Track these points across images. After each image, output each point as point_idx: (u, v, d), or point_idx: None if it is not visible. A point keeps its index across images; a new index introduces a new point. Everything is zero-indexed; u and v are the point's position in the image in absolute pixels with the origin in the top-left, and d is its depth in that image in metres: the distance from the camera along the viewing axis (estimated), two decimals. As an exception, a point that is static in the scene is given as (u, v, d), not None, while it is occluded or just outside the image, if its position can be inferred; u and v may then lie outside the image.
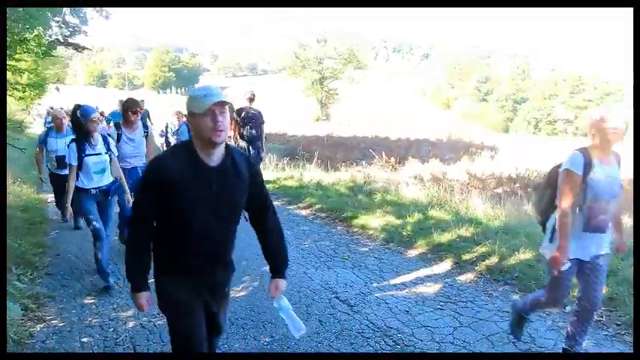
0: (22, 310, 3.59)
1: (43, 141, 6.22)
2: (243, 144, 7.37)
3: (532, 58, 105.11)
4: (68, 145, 4.30)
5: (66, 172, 6.14)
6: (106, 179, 4.44)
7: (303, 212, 7.64)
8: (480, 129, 59.88)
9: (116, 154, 4.61)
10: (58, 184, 6.28)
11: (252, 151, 7.55)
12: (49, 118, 20.03)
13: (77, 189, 4.28)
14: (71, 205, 4.31)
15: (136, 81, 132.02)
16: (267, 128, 7.84)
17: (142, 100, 13.52)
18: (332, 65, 48.13)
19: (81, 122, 4.16)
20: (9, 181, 7.58)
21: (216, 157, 1.97)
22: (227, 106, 1.92)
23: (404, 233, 5.89)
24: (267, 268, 2.33)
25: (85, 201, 4.34)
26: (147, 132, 5.40)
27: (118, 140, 5.13)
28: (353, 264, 5.08)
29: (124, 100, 5.32)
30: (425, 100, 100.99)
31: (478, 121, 76.43)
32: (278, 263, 2.29)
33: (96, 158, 4.30)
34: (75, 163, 4.20)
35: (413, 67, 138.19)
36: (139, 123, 5.28)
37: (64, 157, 5.78)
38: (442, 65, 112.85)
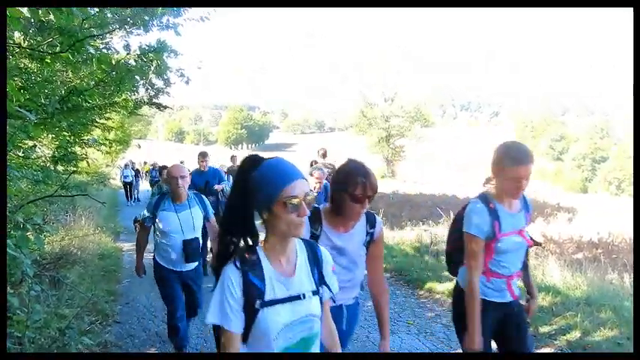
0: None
1: (150, 216, 3.72)
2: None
3: (613, 115, 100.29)
4: (214, 289, 1.49)
5: (193, 266, 3.82)
6: None
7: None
8: (555, 189, 57.03)
9: (335, 292, 1.70)
10: (180, 294, 3.85)
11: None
12: (127, 172, 19.90)
13: None
14: None
15: (211, 137, 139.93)
16: (334, 184, 8.62)
17: (234, 156, 12.40)
18: (398, 123, 48.49)
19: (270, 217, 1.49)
20: (90, 230, 8.11)
21: None
22: None
23: (473, 299, 5.56)
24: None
25: None
26: (373, 233, 2.43)
27: None
28: (418, 330, 4.83)
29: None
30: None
31: (553, 180, 72.89)
32: None
33: (289, 314, 1.51)
34: (239, 331, 1.47)
35: (482, 125, 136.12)
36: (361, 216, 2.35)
37: (195, 240, 3.72)
38: (512, 123, 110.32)
